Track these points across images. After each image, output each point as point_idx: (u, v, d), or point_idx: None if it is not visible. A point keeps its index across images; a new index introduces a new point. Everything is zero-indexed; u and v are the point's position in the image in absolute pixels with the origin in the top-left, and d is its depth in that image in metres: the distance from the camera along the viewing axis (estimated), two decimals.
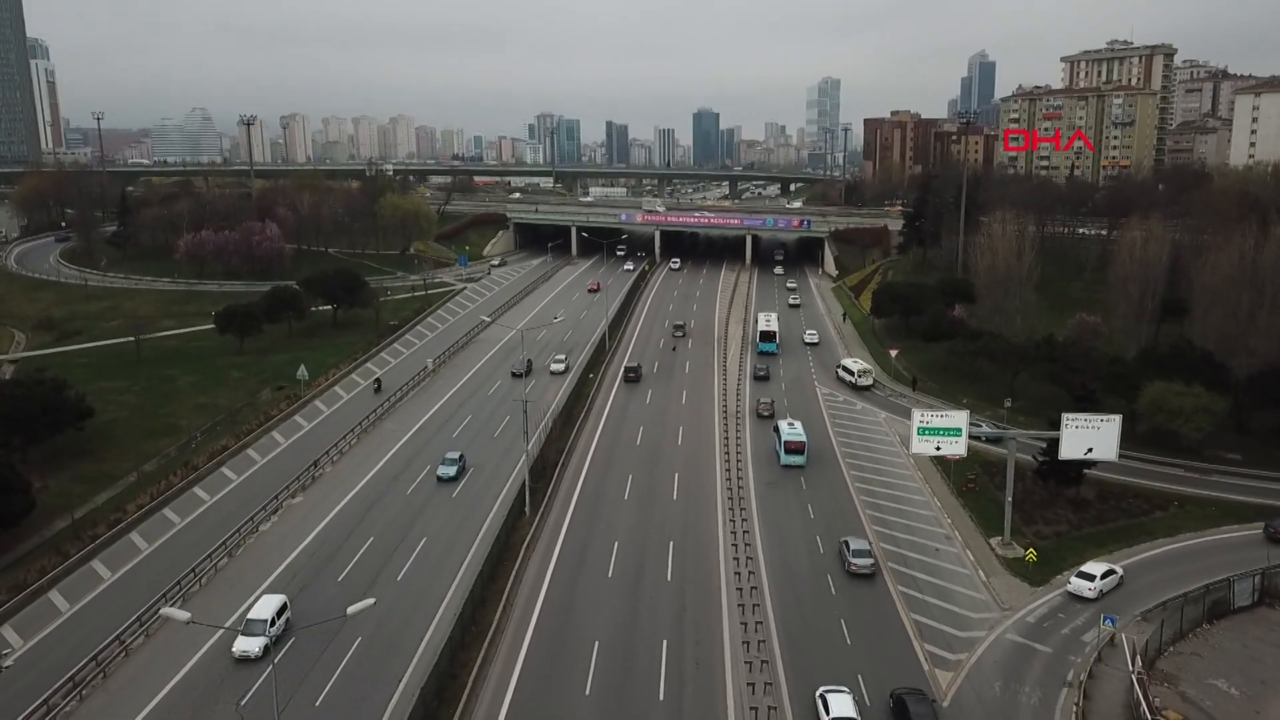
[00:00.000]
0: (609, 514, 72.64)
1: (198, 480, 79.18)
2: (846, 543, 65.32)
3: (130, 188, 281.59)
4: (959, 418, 66.74)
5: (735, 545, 66.31)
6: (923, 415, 67.10)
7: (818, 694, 48.49)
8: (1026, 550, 64.39)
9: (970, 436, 68.07)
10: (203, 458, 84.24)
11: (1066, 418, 65.59)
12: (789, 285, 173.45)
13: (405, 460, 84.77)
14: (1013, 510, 68.62)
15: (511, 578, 61.28)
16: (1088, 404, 74.89)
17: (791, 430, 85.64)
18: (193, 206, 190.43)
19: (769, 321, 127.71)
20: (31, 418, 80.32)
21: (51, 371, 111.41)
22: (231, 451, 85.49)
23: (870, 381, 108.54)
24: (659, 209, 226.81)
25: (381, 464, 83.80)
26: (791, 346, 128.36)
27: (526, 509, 72.65)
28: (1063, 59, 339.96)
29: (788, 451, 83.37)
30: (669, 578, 62.51)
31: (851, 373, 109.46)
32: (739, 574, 62.20)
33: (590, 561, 64.60)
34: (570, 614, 57.71)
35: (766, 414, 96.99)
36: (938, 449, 67.31)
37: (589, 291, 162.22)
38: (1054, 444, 71.42)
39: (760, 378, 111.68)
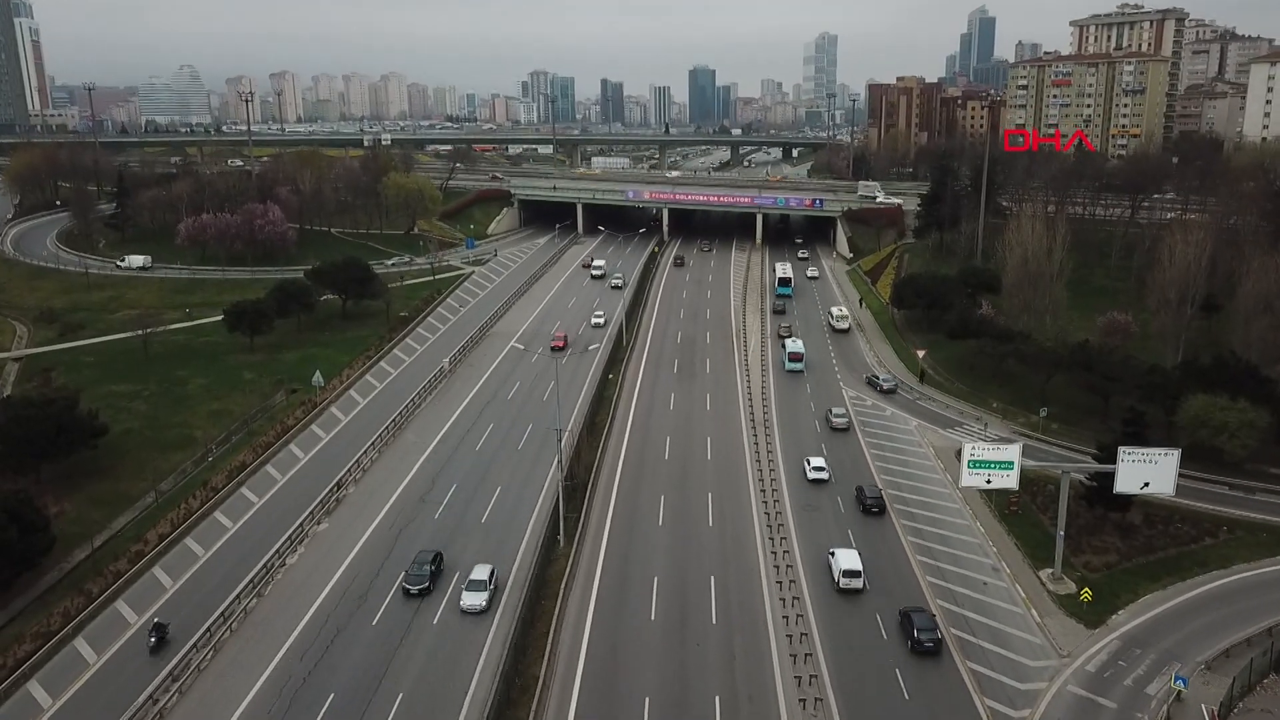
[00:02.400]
0: (645, 542, 70.58)
1: (218, 504, 76.92)
2: (830, 410, 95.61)
3: (123, 159, 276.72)
4: (1012, 450, 64.54)
5: (780, 583, 64.49)
6: (973, 448, 64.91)
7: None
8: (1081, 590, 62.68)
9: (1024, 468, 65.74)
10: (221, 476, 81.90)
11: (1123, 452, 63.43)
12: (797, 240, 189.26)
13: (429, 477, 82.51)
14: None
15: (554, 623, 59.35)
16: (1135, 428, 72.52)
17: (794, 345, 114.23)
18: (192, 187, 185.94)
19: (785, 269, 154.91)
20: (46, 439, 78.03)
21: (58, 374, 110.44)
22: (250, 470, 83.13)
23: (846, 326, 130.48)
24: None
25: (406, 482, 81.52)
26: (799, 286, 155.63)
27: (561, 537, 70.72)
28: (1071, 23, 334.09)
29: (791, 360, 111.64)
30: (714, 620, 60.66)
31: (833, 316, 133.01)
32: (786, 618, 60.37)
33: (631, 602, 62.60)
34: (617, 665, 55.89)
35: (785, 335, 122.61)
36: (988, 482, 65.22)
37: (553, 349, 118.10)
38: (1102, 460, 70.15)
39: (778, 311, 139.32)
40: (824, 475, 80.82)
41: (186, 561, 68.56)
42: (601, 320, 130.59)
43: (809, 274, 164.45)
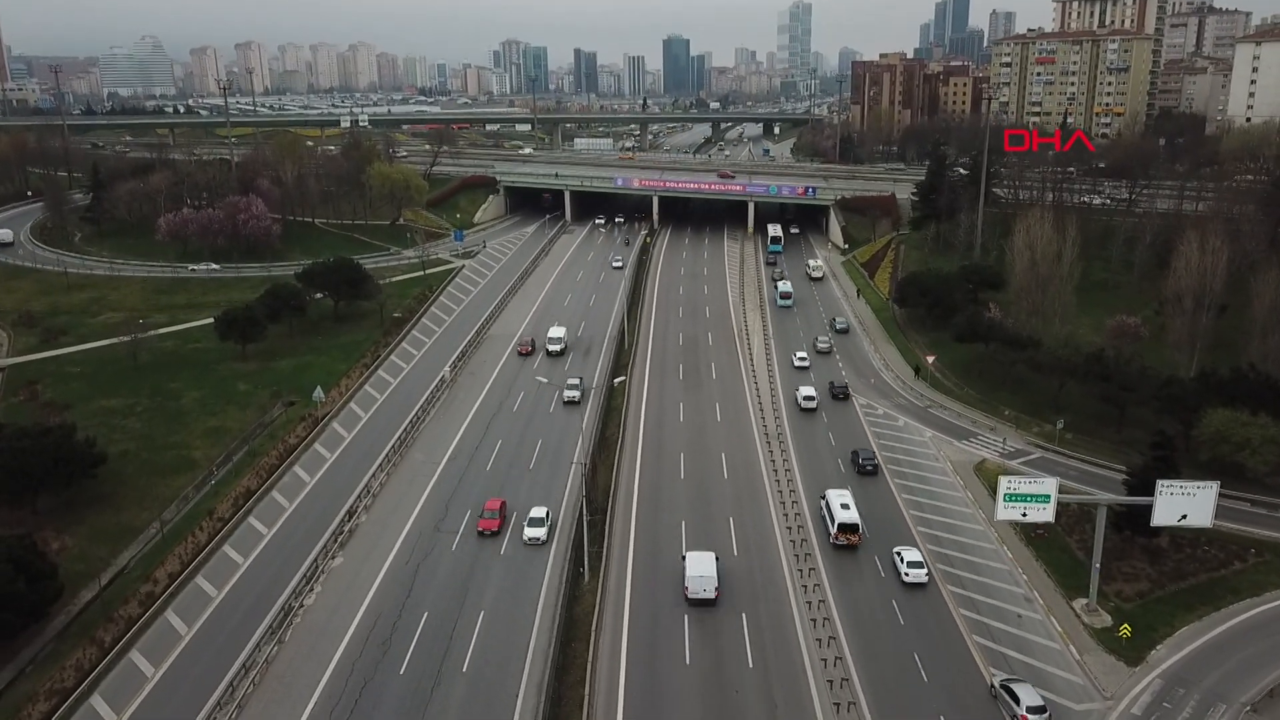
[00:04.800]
0: (670, 576, 68.63)
1: (226, 537, 74.54)
2: (816, 338, 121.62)
3: (93, 142, 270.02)
4: (1048, 484, 63.56)
5: (815, 621, 63.27)
6: (1010, 481, 63.81)
7: None
8: (1120, 626, 61.86)
9: (1060, 501, 64.61)
10: (226, 504, 79.48)
11: (1161, 484, 62.61)
12: (788, 219, 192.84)
13: (442, 502, 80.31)
14: (1088, 560, 66.53)
15: (589, 670, 57.84)
16: (1164, 452, 71.65)
17: (784, 286, 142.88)
18: (170, 179, 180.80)
19: (776, 230, 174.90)
20: (44, 471, 75.18)
21: (45, 387, 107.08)
22: (257, 497, 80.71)
23: (821, 275, 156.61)
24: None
25: (418, 509, 79.21)
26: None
27: (585, 571, 69.18)
28: None
29: (781, 298, 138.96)
30: (750, 664, 59.36)
31: (810, 267, 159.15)
32: (825, 661, 59.16)
33: (664, 645, 61.04)
34: (659, 718, 54.50)
35: (777, 279, 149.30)
36: (1024, 515, 64.25)
37: (480, 532, 74.95)
38: (1134, 487, 69.47)
39: (770, 263, 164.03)
40: (805, 364, 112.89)
41: (200, 603, 66.30)
42: (540, 534, 74.17)
43: (792, 230, 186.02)
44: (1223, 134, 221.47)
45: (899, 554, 69.10)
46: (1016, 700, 53.22)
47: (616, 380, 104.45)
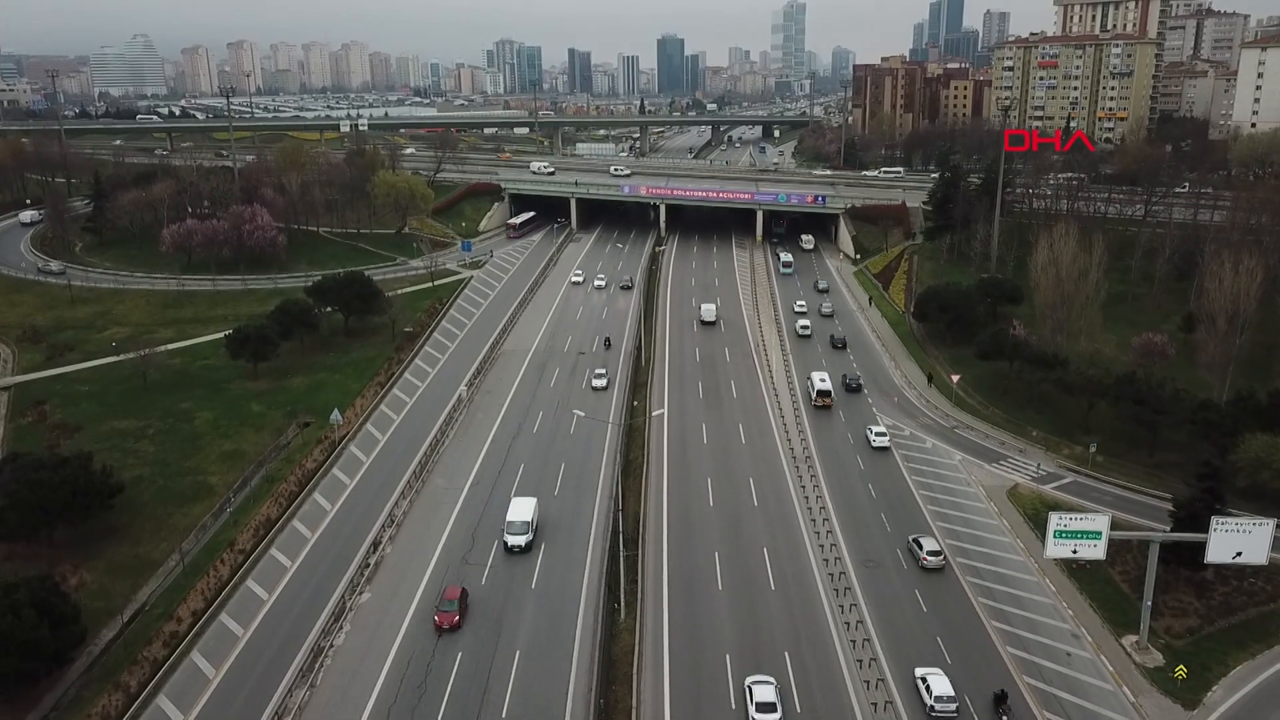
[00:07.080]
0: (708, 612, 67.25)
1: (249, 571, 72.64)
2: (821, 305, 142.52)
3: (91, 148, 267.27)
4: (1100, 521, 62.17)
5: (860, 662, 61.69)
6: (1060, 518, 62.35)
7: None
8: (1175, 668, 60.35)
9: (1111, 537, 63.12)
10: (246, 535, 77.64)
11: (1216, 521, 61.28)
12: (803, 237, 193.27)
13: (468, 532, 78.30)
14: (1133, 593, 65.33)
15: (633, 717, 56.21)
16: (1211, 484, 70.24)
17: (785, 256, 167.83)
18: (173, 189, 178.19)
19: (779, 219, 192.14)
20: (63, 505, 73.27)
21: (53, 407, 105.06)
22: (278, 527, 78.81)
23: (812, 246, 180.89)
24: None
25: (444, 539, 77.20)
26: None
27: (620, 607, 67.53)
28: (1056, 1, 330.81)
29: (784, 266, 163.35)
30: (799, 708, 57.74)
31: (802, 240, 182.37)
32: (875, 705, 57.63)
33: (707, 688, 59.41)
34: None
35: (781, 251, 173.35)
36: (1074, 552, 62.87)
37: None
38: (1182, 520, 68.25)
39: (774, 242, 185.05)
40: (803, 309, 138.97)
41: (226, 643, 64.39)
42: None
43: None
44: (1229, 140, 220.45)
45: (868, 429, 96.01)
46: (920, 547, 72.73)
47: (655, 413, 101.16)
